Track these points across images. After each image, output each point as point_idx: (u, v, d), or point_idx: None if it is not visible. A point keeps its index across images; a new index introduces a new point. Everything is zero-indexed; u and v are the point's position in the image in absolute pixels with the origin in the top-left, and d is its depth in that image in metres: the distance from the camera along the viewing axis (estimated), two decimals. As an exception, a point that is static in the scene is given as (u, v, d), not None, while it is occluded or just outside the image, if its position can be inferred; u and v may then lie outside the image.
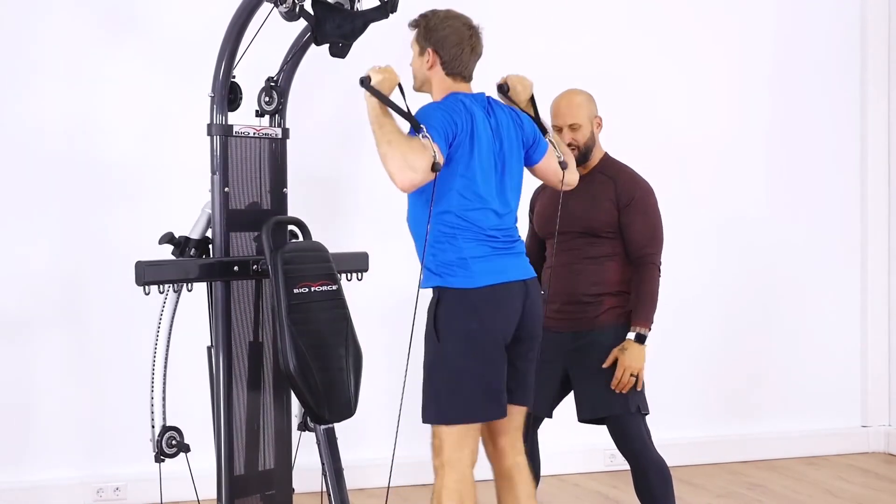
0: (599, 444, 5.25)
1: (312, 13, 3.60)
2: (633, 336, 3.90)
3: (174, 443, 3.62)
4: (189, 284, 3.64)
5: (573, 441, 5.29)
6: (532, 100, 3.72)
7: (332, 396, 3.63)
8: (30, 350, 5.00)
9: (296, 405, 3.82)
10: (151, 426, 3.61)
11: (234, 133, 3.71)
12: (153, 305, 3.66)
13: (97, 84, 5.06)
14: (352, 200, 5.43)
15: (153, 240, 3.72)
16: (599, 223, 3.95)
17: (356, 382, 3.71)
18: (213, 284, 3.70)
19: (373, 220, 5.32)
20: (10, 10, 4.98)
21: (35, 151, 5.00)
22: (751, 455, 5.93)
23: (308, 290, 3.63)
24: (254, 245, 3.77)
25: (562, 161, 3.65)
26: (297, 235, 3.85)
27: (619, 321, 3.98)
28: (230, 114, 3.72)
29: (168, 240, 3.69)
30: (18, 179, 4.99)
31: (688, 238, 5.69)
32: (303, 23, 3.69)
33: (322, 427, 3.73)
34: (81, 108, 5.05)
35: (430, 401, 3.45)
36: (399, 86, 3.43)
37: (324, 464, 3.76)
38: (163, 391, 3.62)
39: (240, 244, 3.74)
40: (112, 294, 4.98)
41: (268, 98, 3.83)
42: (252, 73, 3.84)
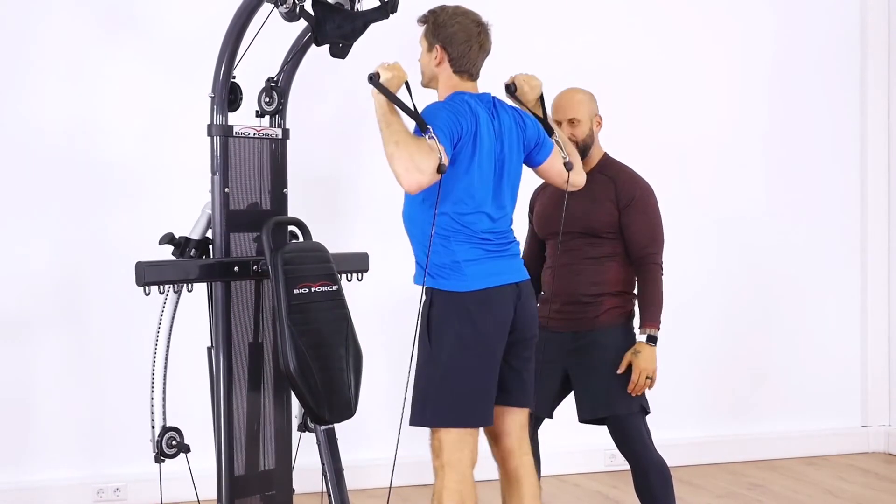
0: (600, 445, 5.25)
1: (313, 14, 3.60)
2: (645, 338, 3.90)
3: (174, 443, 3.62)
4: (189, 285, 3.64)
5: (574, 441, 5.28)
6: (541, 100, 3.71)
7: (333, 397, 3.63)
8: (30, 350, 4.99)
9: (296, 405, 3.82)
10: (151, 426, 3.61)
11: (235, 133, 3.70)
12: (153, 306, 3.66)
13: (97, 84, 5.06)
14: (352, 200, 5.43)
15: (153, 240, 3.72)
16: (600, 223, 3.95)
17: (356, 383, 3.71)
18: (214, 285, 3.69)
19: (373, 220, 5.32)
20: (10, 10, 4.98)
21: (35, 151, 5.00)
22: (751, 455, 5.93)
23: (308, 291, 3.63)
24: (254, 245, 3.77)
25: (567, 162, 3.64)
26: (298, 236, 3.85)
27: (619, 321, 3.98)
28: (230, 114, 3.72)
29: (168, 240, 3.68)
30: (18, 179, 4.99)
31: (688, 238, 5.69)
32: (303, 23, 3.68)
33: (322, 427, 3.73)
34: (81, 108, 5.05)
35: (417, 403, 3.45)
36: (406, 84, 3.42)
37: (324, 464, 3.76)
38: (163, 391, 3.62)
39: (240, 245, 3.74)
40: (112, 294, 4.98)
41: (268, 98, 3.83)
42: (252, 74, 3.84)
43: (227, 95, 3.69)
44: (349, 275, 4.06)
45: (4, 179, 4.97)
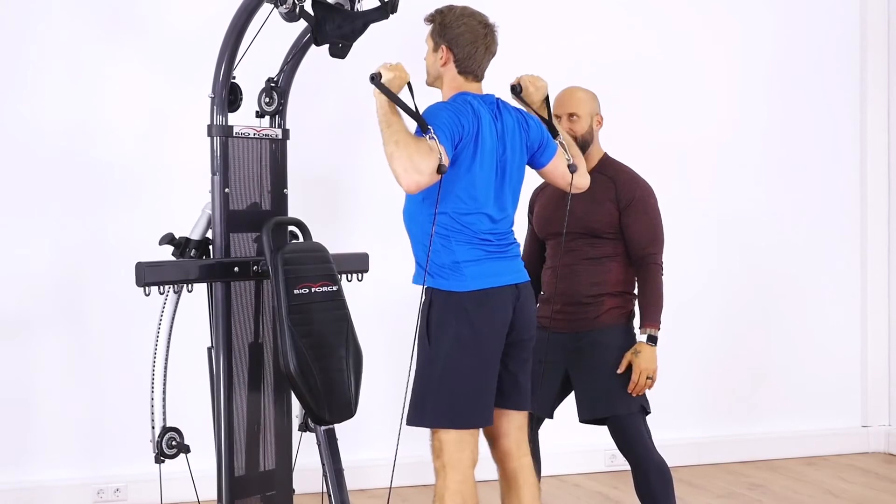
0: (600, 445, 5.26)
1: (312, 14, 3.60)
2: (645, 338, 3.90)
3: (174, 443, 3.62)
4: (189, 285, 3.64)
5: (574, 441, 5.29)
6: (546, 101, 3.71)
7: (333, 397, 3.63)
8: (30, 350, 4.99)
9: (296, 406, 3.82)
10: (151, 427, 3.61)
11: (235, 134, 3.70)
12: (153, 306, 3.66)
13: (97, 84, 5.06)
14: (352, 200, 5.43)
15: (153, 240, 3.72)
16: (600, 224, 3.95)
17: (356, 383, 3.71)
18: (214, 285, 3.69)
19: (373, 221, 5.32)
20: (10, 10, 4.97)
21: (35, 151, 5.00)
22: (751, 455, 5.93)
23: (308, 291, 3.63)
24: (254, 246, 3.77)
25: (571, 164, 3.64)
26: (298, 236, 3.85)
27: (620, 321, 3.99)
28: (230, 114, 3.72)
29: (168, 240, 3.68)
30: (18, 179, 4.99)
31: (688, 238, 5.69)
32: (303, 23, 3.68)
33: (322, 428, 3.73)
34: (81, 108, 5.04)
35: (416, 403, 3.44)
36: (408, 84, 3.42)
37: (324, 464, 3.76)
38: (163, 392, 3.62)
39: (240, 245, 3.74)
40: (112, 294, 4.97)
41: (268, 99, 3.83)
42: (252, 74, 3.84)
43: (227, 96, 3.69)
44: (349, 275, 4.06)
45: (4, 179, 4.97)
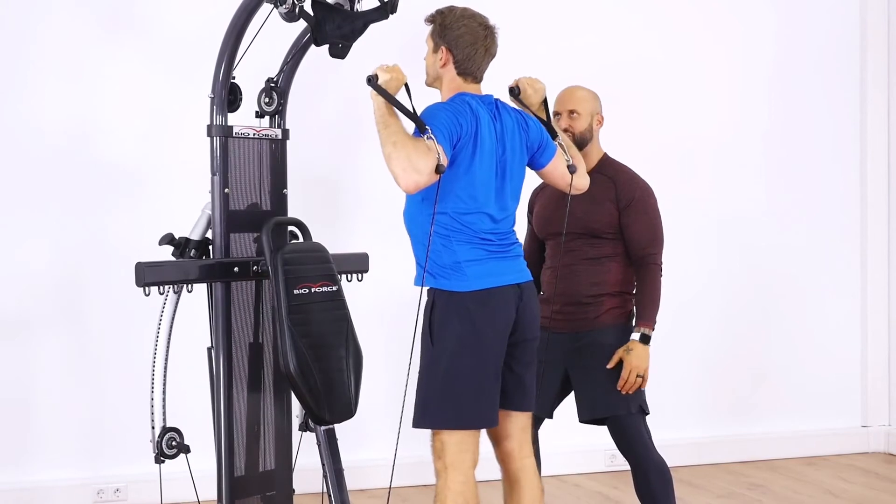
0: (600, 445, 5.26)
1: (312, 14, 3.59)
2: (638, 337, 3.90)
3: (174, 444, 3.62)
4: (189, 285, 3.64)
5: (574, 441, 5.29)
6: (545, 103, 3.71)
7: (333, 397, 3.63)
8: (30, 350, 4.99)
9: (296, 406, 3.82)
10: (151, 427, 3.61)
11: (234, 134, 3.70)
12: (153, 306, 3.66)
13: (97, 84, 5.06)
14: (352, 201, 5.43)
15: (153, 240, 3.72)
16: (600, 224, 3.95)
17: (356, 383, 3.71)
18: (214, 285, 3.69)
19: (373, 221, 5.32)
20: (10, 10, 4.98)
21: (35, 151, 5.00)
22: (751, 455, 5.93)
23: (308, 291, 3.63)
24: (254, 246, 3.77)
25: (570, 165, 3.63)
26: (298, 236, 3.85)
27: (619, 321, 3.98)
28: (230, 115, 3.72)
29: (168, 241, 3.68)
30: (18, 179, 4.99)
31: (688, 238, 5.69)
32: (303, 23, 3.68)
33: (322, 428, 3.73)
34: (81, 108, 5.05)
35: (420, 405, 3.44)
36: (406, 86, 3.42)
37: (324, 464, 3.76)
38: (163, 392, 3.62)
39: (240, 245, 3.74)
40: (112, 294, 4.97)
41: (268, 99, 3.83)
42: (252, 74, 3.84)
43: (227, 96, 3.69)
44: (349, 275, 4.06)
45: (4, 179, 4.97)
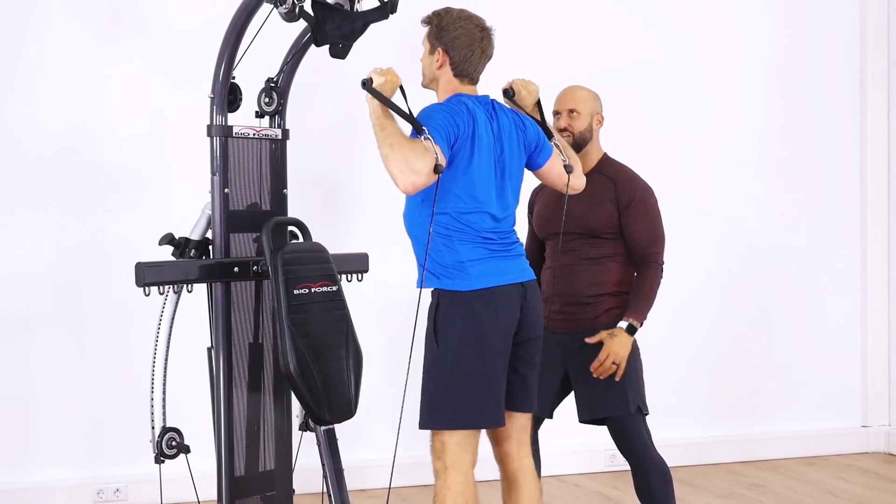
0: (600, 445, 5.26)
1: (312, 14, 3.59)
2: (625, 326, 3.88)
3: (174, 444, 3.62)
4: (189, 285, 3.64)
5: (574, 441, 5.28)
6: (538, 104, 3.71)
7: (333, 397, 3.63)
8: (30, 350, 4.99)
9: (296, 406, 3.82)
10: (151, 427, 3.61)
11: (234, 134, 3.70)
12: (153, 306, 3.66)
13: (97, 84, 5.06)
14: (352, 201, 5.43)
15: (153, 240, 3.72)
16: (600, 224, 3.95)
17: (356, 383, 3.71)
18: (213, 285, 3.69)
19: (373, 221, 5.32)
20: (10, 10, 4.97)
21: (35, 151, 5.00)
22: (751, 455, 5.93)
23: (308, 291, 3.63)
24: (254, 246, 3.77)
25: (567, 165, 3.64)
26: (298, 236, 3.85)
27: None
28: (230, 115, 3.72)
29: (168, 241, 3.68)
30: (18, 179, 4.99)
31: (688, 238, 5.69)
32: (303, 24, 3.68)
33: (322, 428, 3.73)
34: (81, 108, 5.04)
35: (426, 406, 3.44)
36: (401, 88, 3.42)
37: (324, 464, 3.76)
38: (163, 392, 3.62)
39: (240, 245, 3.74)
40: (112, 294, 4.97)
41: (268, 99, 3.83)
42: (252, 74, 3.84)
43: (227, 96, 3.69)
44: (349, 275, 4.06)
45: (4, 179, 4.97)
